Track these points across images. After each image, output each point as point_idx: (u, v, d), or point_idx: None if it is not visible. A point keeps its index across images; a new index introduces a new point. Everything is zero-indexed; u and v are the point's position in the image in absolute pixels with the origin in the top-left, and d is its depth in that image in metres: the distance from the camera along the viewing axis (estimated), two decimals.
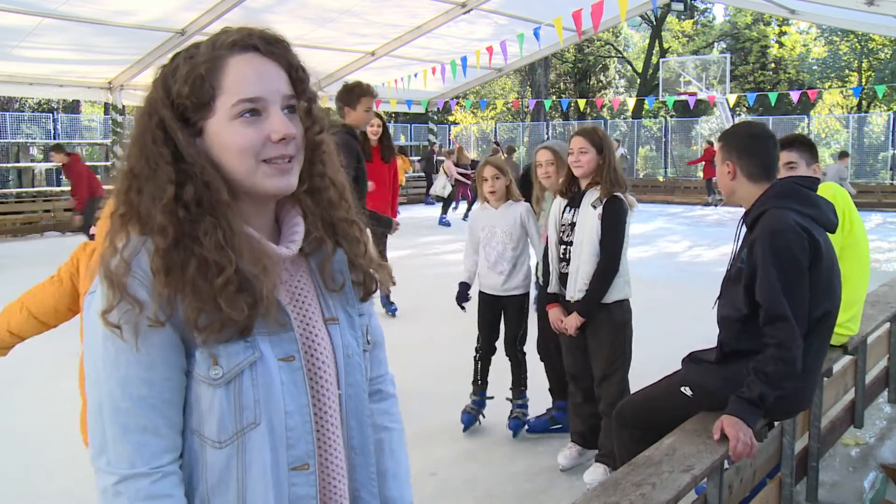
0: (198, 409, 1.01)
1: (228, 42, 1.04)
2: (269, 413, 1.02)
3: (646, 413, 2.60)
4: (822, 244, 2.31)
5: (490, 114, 33.80)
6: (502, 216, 3.80)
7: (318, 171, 1.13)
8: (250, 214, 1.06)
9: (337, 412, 1.13)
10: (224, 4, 10.52)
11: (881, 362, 4.30)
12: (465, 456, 3.73)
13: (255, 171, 1.02)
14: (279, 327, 1.04)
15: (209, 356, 0.99)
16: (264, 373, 1.02)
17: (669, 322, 6.30)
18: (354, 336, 1.17)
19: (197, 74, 1.01)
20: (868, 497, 3.08)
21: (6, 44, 10.71)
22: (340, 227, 1.15)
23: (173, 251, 0.97)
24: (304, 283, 1.13)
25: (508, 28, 13.47)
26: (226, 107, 1.01)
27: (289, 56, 1.07)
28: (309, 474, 1.07)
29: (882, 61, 29.00)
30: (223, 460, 1.02)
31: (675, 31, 34.08)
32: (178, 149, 1.01)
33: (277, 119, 1.02)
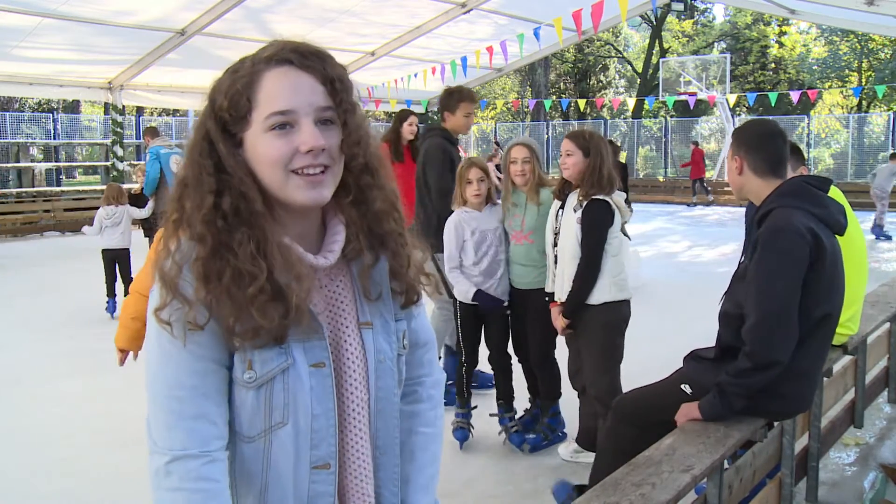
0: (233, 406, 1.08)
1: (265, 56, 1.08)
2: (297, 415, 1.08)
3: (645, 409, 2.60)
4: (827, 246, 2.31)
5: (490, 114, 33.81)
6: (489, 219, 3.67)
7: (365, 183, 1.14)
8: (290, 223, 1.10)
9: (365, 414, 1.17)
10: (224, 4, 10.51)
11: (881, 362, 4.30)
12: (465, 456, 3.73)
13: (285, 182, 1.05)
14: (312, 334, 1.09)
15: (245, 360, 1.06)
16: (295, 378, 1.08)
17: (669, 322, 6.30)
18: (388, 341, 1.19)
19: (235, 88, 1.06)
20: (868, 497, 3.08)
21: (6, 44, 10.71)
22: (386, 239, 1.17)
23: (211, 259, 1.03)
24: (342, 288, 1.16)
25: (508, 28, 13.46)
26: (260, 119, 1.05)
27: (326, 68, 1.08)
28: (329, 473, 1.12)
29: (882, 61, 29.01)
30: (250, 454, 1.09)
31: (675, 31, 34.08)
32: (220, 160, 1.06)
33: (307, 131, 1.04)
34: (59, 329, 6.49)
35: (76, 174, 26.66)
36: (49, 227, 14.17)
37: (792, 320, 2.27)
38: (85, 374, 5.17)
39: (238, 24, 11.39)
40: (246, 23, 11.56)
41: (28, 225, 14.16)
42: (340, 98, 1.09)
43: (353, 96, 1.11)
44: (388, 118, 33.64)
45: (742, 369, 2.28)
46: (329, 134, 1.07)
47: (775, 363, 2.26)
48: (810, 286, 2.29)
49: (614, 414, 2.68)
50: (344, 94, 1.09)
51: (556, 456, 3.66)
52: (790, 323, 2.27)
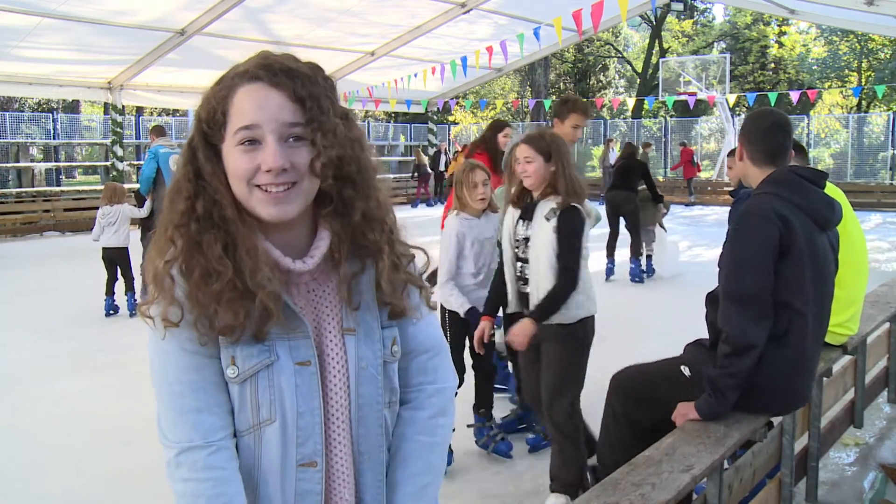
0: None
1: (241, 71, 1.11)
2: (284, 412, 1.11)
3: (642, 385, 2.64)
4: (801, 234, 2.30)
5: (490, 114, 33.80)
6: (486, 226, 3.54)
7: (347, 195, 1.16)
8: (272, 232, 1.13)
9: (345, 419, 1.18)
10: (224, 4, 10.50)
11: (881, 362, 4.30)
12: (465, 456, 3.72)
13: (249, 196, 1.09)
14: (296, 332, 1.12)
15: (228, 356, 1.10)
16: (279, 375, 1.11)
17: (669, 322, 6.29)
18: (372, 349, 1.19)
19: (213, 102, 1.10)
20: (868, 497, 3.08)
21: (6, 44, 10.70)
22: (370, 249, 1.19)
23: (184, 259, 1.08)
24: (327, 293, 1.19)
25: (508, 28, 13.46)
26: (231, 133, 1.09)
27: (296, 86, 1.09)
28: (316, 471, 1.14)
29: (882, 61, 29.01)
30: (243, 448, 1.13)
31: (675, 31, 34.09)
32: (199, 166, 1.12)
33: (269, 150, 1.06)
34: (59, 329, 6.48)
35: (76, 174, 26.65)
36: (49, 227, 14.16)
37: (761, 303, 2.28)
38: (85, 373, 5.18)
39: (238, 23, 11.38)
40: (246, 23, 11.55)
41: (28, 225, 14.15)
42: (311, 116, 1.08)
43: (327, 114, 1.10)
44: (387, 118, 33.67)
45: (722, 355, 2.31)
46: (297, 152, 1.08)
47: (750, 346, 2.27)
48: (784, 275, 2.29)
49: (612, 386, 2.72)
50: (315, 112, 1.09)
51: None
52: (759, 305, 2.28)
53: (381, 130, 31.09)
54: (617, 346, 5.25)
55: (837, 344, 3.21)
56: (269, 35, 12.33)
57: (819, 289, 2.38)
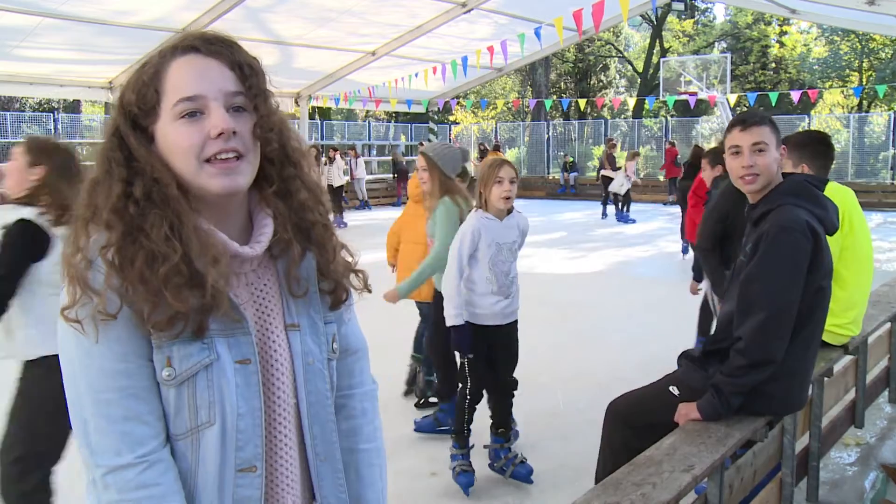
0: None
1: (171, 46, 1.06)
2: (224, 413, 1.04)
3: (636, 412, 2.61)
4: (825, 248, 2.31)
5: (490, 113, 33.80)
6: (507, 229, 3.28)
7: (288, 174, 1.12)
8: (212, 217, 1.07)
9: (291, 419, 1.13)
10: (224, 4, 10.51)
11: (882, 362, 4.30)
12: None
13: (199, 171, 1.03)
14: (236, 328, 1.05)
15: (163, 357, 1.01)
16: (220, 375, 1.04)
17: (670, 322, 6.29)
18: (317, 343, 1.15)
19: (142, 81, 1.05)
20: (869, 497, 3.08)
21: (6, 44, 10.71)
22: (311, 232, 1.15)
23: (123, 245, 0.99)
24: (268, 287, 1.13)
25: (509, 28, 13.45)
26: (168, 108, 1.03)
27: (234, 54, 1.06)
28: (255, 476, 1.07)
29: (883, 61, 28.99)
30: (179, 452, 1.04)
31: (676, 31, 34.06)
32: (131, 153, 1.04)
33: (216, 115, 1.02)
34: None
35: None
36: None
37: (788, 319, 2.27)
38: None
39: (238, 23, 11.38)
40: (246, 22, 11.55)
41: None
42: (251, 83, 1.06)
43: (264, 83, 1.09)
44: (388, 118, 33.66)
45: (737, 367, 2.27)
46: (240, 120, 1.05)
47: (770, 362, 2.26)
48: (807, 287, 2.29)
49: (608, 417, 2.69)
50: (254, 80, 1.07)
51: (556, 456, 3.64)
52: (787, 322, 2.26)
53: (381, 130, 31.09)
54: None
55: (838, 344, 3.20)
56: (270, 35, 12.33)
57: (822, 301, 2.39)
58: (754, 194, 2.43)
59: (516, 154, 26.07)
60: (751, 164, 2.38)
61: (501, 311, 3.30)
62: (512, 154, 25.64)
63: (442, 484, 3.44)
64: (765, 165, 2.36)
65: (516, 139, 27.39)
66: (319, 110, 25.90)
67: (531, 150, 26.16)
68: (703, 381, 2.42)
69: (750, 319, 2.28)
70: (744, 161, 2.39)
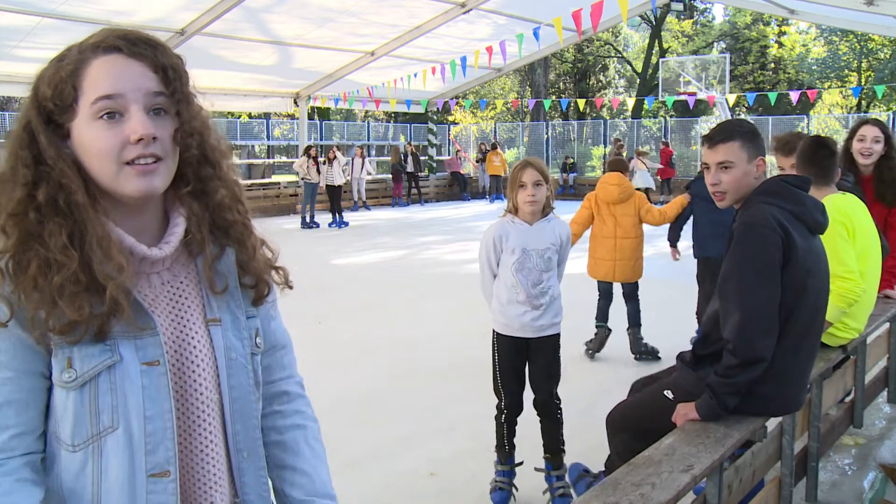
0: (54, 411, 1.02)
1: (92, 43, 1.03)
2: (128, 417, 1.01)
3: (634, 418, 2.62)
4: (799, 243, 2.29)
5: (489, 114, 33.81)
6: (539, 234, 3.09)
7: (205, 174, 1.12)
8: (124, 218, 1.06)
9: (214, 416, 1.12)
10: (223, 4, 10.51)
11: (881, 362, 4.30)
12: (465, 456, 3.72)
13: (117, 174, 1.01)
14: (143, 330, 1.03)
15: (64, 359, 0.99)
16: (123, 377, 1.01)
17: (670, 322, 6.30)
18: (240, 338, 1.15)
19: (60, 76, 1.01)
20: (867, 497, 3.08)
21: (6, 44, 10.71)
22: (230, 230, 1.15)
23: (18, 251, 0.97)
24: (186, 284, 1.12)
25: (508, 28, 13.47)
26: (86, 106, 1.01)
27: (157, 55, 1.04)
28: (169, 482, 1.04)
29: (881, 61, 29.02)
30: (78, 464, 1.01)
31: (675, 31, 34.09)
32: (40, 152, 1.01)
33: (136, 119, 1.00)
34: None
35: None
36: None
37: (770, 316, 2.26)
38: None
39: (237, 24, 11.38)
40: (245, 23, 11.55)
41: None
42: (174, 87, 1.05)
43: (187, 86, 1.08)
44: (387, 118, 33.65)
45: (727, 366, 2.28)
46: (161, 123, 1.03)
47: (759, 359, 2.25)
48: (787, 282, 2.28)
49: (609, 426, 2.70)
50: (177, 83, 1.05)
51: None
52: (769, 318, 2.26)
53: (380, 130, 31.10)
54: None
55: (838, 345, 3.21)
56: (269, 35, 12.33)
57: (816, 293, 2.38)
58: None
59: (515, 154, 26.08)
60: (715, 183, 2.40)
61: (531, 324, 3.10)
62: (511, 154, 25.65)
63: (442, 484, 3.44)
64: (729, 183, 2.38)
65: (515, 139, 27.40)
66: (318, 110, 25.91)
67: (530, 150, 26.16)
68: (696, 382, 2.42)
69: (730, 319, 2.28)
70: (709, 179, 2.41)
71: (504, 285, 3.13)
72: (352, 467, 3.48)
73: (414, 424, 4.09)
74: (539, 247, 3.08)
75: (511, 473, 3.27)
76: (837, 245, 2.96)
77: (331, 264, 9.96)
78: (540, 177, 3.04)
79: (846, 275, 2.94)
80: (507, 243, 3.10)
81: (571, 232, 3.18)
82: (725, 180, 2.38)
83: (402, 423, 4.10)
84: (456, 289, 8.23)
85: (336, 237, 12.95)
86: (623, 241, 5.28)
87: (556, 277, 3.19)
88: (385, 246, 11.76)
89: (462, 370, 5.03)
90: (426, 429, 4.06)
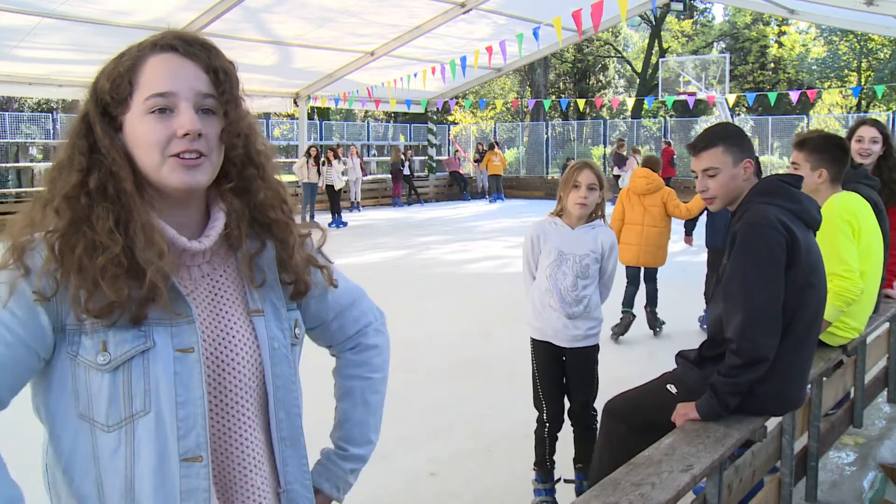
0: (86, 393, 1.04)
1: (151, 42, 1.09)
2: (160, 402, 1.05)
3: (634, 410, 2.61)
4: (801, 241, 2.30)
5: (489, 114, 33.80)
6: (578, 239, 3.00)
7: (249, 174, 1.16)
8: (169, 211, 1.10)
9: (253, 404, 1.16)
10: (223, 4, 10.51)
11: (881, 362, 4.30)
12: (465, 456, 3.72)
13: (161, 166, 1.06)
14: (180, 317, 1.07)
15: (99, 342, 1.03)
16: (156, 362, 1.05)
17: (669, 322, 6.30)
18: (281, 328, 1.19)
19: (118, 72, 1.07)
20: (867, 497, 3.08)
21: (5, 44, 10.70)
22: (272, 227, 1.18)
23: (67, 233, 1.02)
24: (227, 277, 1.17)
25: (508, 28, 13.47)
26: (139, 101, 1.06)
27: (210, 58, 1.09)
28: (202, 466, 1.07)
29: (881, 61, 29.02)
30: (112, 444, 1.05)
31: (675, 31, 34.09)
32: (96, 141, 1.07)
33: (185, 115, 1.05)
34: None
35: None
36: None
37: (774, 316, 2.26)
38: None
39: (237, 24, 11.38)
40: (245, 23, 11.55)
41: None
42: (223, 88, 1.09)
43: (237, 90, 1.12)
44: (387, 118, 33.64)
45: (731, 367, 2.28)
46: (208, 122, 1.08)
47: (763, 360, 2.25)
48: (791, 282, 2.28)
49: (606, 415, 2.69)
50: (227, 85, 1.10)
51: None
52: (773, 318, 2.26)
53: (380, 130, 31.09)
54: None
55: (837, 345, 3.21)
56: (269, 35, 12.33)
57: (818, 291, 2.38)
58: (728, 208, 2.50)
59: (515, 154, 26.08)
60: (703, 189, 2.45)
61: (564, 332, 3.00)
62: (511, 154, 25.65)
63: (442, 484, 3.44)
64: (717, 188, 2.42)
65: (515, 139, 27.39)
66: (318, 110, 25.90)
67: (530, 150, 26.16)
68: (701, 380, 2.42)
69: (734, 320, 2.28)
70: (697, 186, 2.48)
71: (538, 288, 3.06)
72: None
73: (414, 424, 4.09)
74: (577, 252, 2.99)
75: (553, 491, 3.16)
76: (840, 243, 2.96)
77: None
78: (595, 181, 2.95)
79: (845, 273, 2.94)
80: (546, 244, 3.03)
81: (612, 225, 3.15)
82: (712, 186, 2.42)
83: (402, 423, 4.10)
84: (456, 289, 8.24)
85: (336, 237, 12.96)
86: (650, 229, 5.82)
87: (597, 287, 3.06)
88: (385, 246, 11.77)
89: (462, 370, 5.04)
90: (426, 429, 4.06)
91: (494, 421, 4.11)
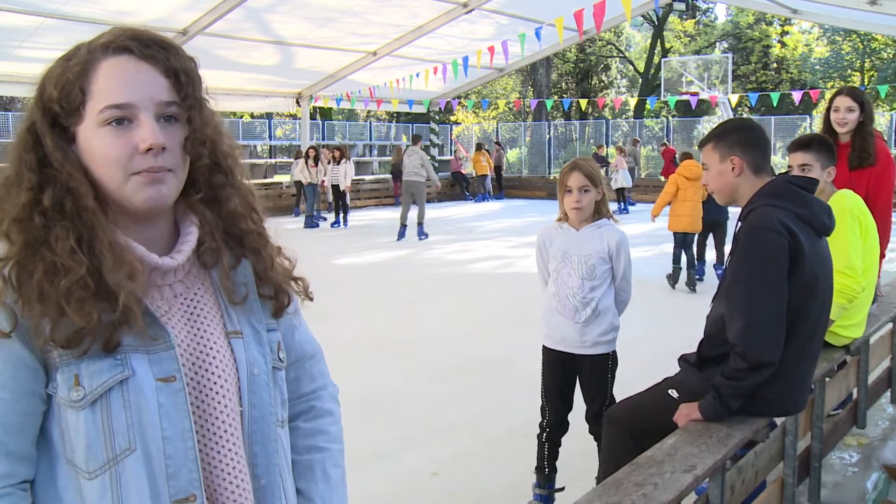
0: (67, 436, 0.94)
1: (102, 43, 0.98)
2: (145, 438, 0.94)
3: (635, 417, 2.60)
4: (805, 245, 2.27)
5: (492, 114, 33.81)
6: (583, 240, 2.90)
7: (217, 182, 1.06)
8: (135, 228, 1.01)
9: (238, 435, 1.04)
10: (225, 4, 10.52)
11: (884, 363, 4.29)
12: (465, 456, 3.72)
13: (124, 183, 0.96)
14: (154, 342, 0.97)
15: (71, 376, 0.92)
16: (137, 393, 0.94)
17: (670, 322, 6.29)
18: (262, 353, 1.08)
19: (67, 78, 0.96)
20: (870, 497, 3.07)
21: (8, 44, 10.73)
22: (244, 239, 1.09)
23: (22, 259, 0.92)
24: (202, 296, 1.06)
25: (510, 28, 13.47)
26: (94, 112, 0.95)
27: (169, 59, 0.99)
28: None
29: (884, 61, 28.99)
30: (97, 492, 0.93)
31: (677, 31, 34.07)
32: (45, 155, 0.96)
33: (146, 128, 0.95)
34: None
35: None
36: None
37: (779, 320, 2.25)
38: None
39: (240, 24, 11.39)
40: (247, 23, 11.56)
41: None
42: (186, 93, 0.99)
43: (200, 91, 1.02)
44: (389, 118, 33.67)
45: (736, 369, 2.26)
46: (171, 132, 0.98)
47: (768, 364, 2.24)
48: (794, 285, 2.27)
49: (608, 422, 2.68)
50: (190, 89, 1.00)
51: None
52: (777, 322, 2.24)
53: (382, 130, 31.12)
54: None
55: (840, 345, 3.20)
56: (271, 35, 12.34)
57: (823, 295, 2.37)
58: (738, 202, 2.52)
59: (517, 154, 26.08)
60: (705, 183, 2.58)
61: (573, 338, 2.90)
62: (513, 154, 25.65)
63: (442, 484, 3.43)
64: (710, 183, 2.52)
65: (517, 139, 27.39)
66: (320, 110, 25.93)
67: (532, 150, 26.16)
68: (702, 383, 2.41)
69: (738, 323, 2.26)
70: (702, 180, 2.68)
71: (548, 293, 2.98)
72: (352, 467, 3.45)
73: (414, 424, 4.08)
74: (581, 252, 2.89)
75: (549, 499, 3.07)
76: (848, 240, 2.95)
77: (332, 264, 9.96)
78: (587, 181, 2.83)
79: (848, 271, 2.93)
80: (552, 249, 2.97)
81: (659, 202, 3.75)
82: (708, 180, 2.53)
83: (403, 423, 4.09)
84: (457, 289, 8.23)
85: (337, 237, 12.96)
86: (696, 205, 7.72)
87: (608, 291, 2.92)
88: (386, 246, 11.76)
89: (462, 370, 5.03)
90: (426, 429, 4.05)
91: (495, 421, 4.10)
